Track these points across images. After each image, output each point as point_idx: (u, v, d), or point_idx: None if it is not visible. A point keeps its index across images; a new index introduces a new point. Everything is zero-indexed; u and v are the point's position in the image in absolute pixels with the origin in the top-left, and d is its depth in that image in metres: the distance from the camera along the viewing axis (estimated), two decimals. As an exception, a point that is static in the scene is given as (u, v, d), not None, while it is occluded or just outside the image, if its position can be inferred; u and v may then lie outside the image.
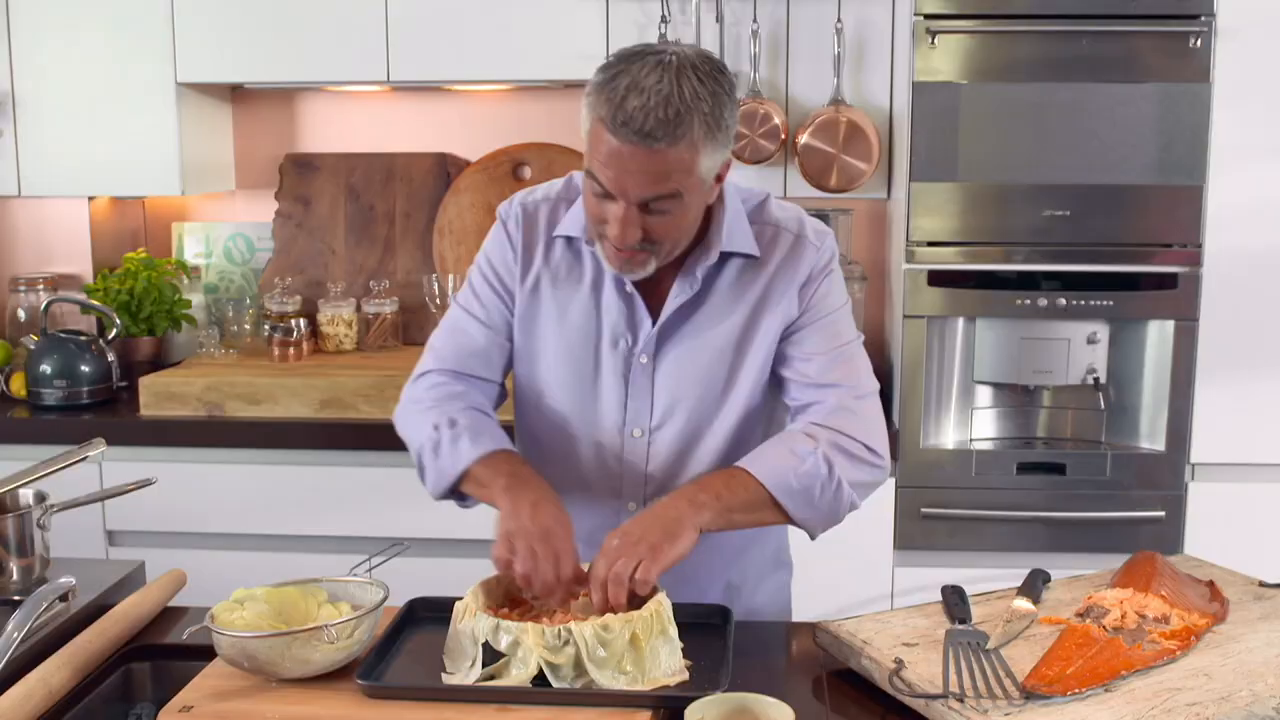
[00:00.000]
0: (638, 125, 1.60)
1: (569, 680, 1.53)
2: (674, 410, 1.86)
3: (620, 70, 1.64)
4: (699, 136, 1.63)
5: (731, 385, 1.86)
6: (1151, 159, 2.90)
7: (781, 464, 1.76)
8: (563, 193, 1.91)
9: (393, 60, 3.21)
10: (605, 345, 1.86)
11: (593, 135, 1.66)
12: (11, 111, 3.30)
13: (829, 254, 1.89)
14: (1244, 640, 1.68)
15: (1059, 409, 3.12)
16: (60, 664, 1.63)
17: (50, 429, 3.11)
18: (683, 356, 1.85)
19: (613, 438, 1.88)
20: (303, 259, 3.56)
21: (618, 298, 1.84)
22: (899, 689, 1.55)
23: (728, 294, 1.85)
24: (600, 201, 1.69)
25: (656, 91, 1.60)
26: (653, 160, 1.62)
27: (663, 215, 1.68)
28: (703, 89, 1.63)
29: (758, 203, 1.89)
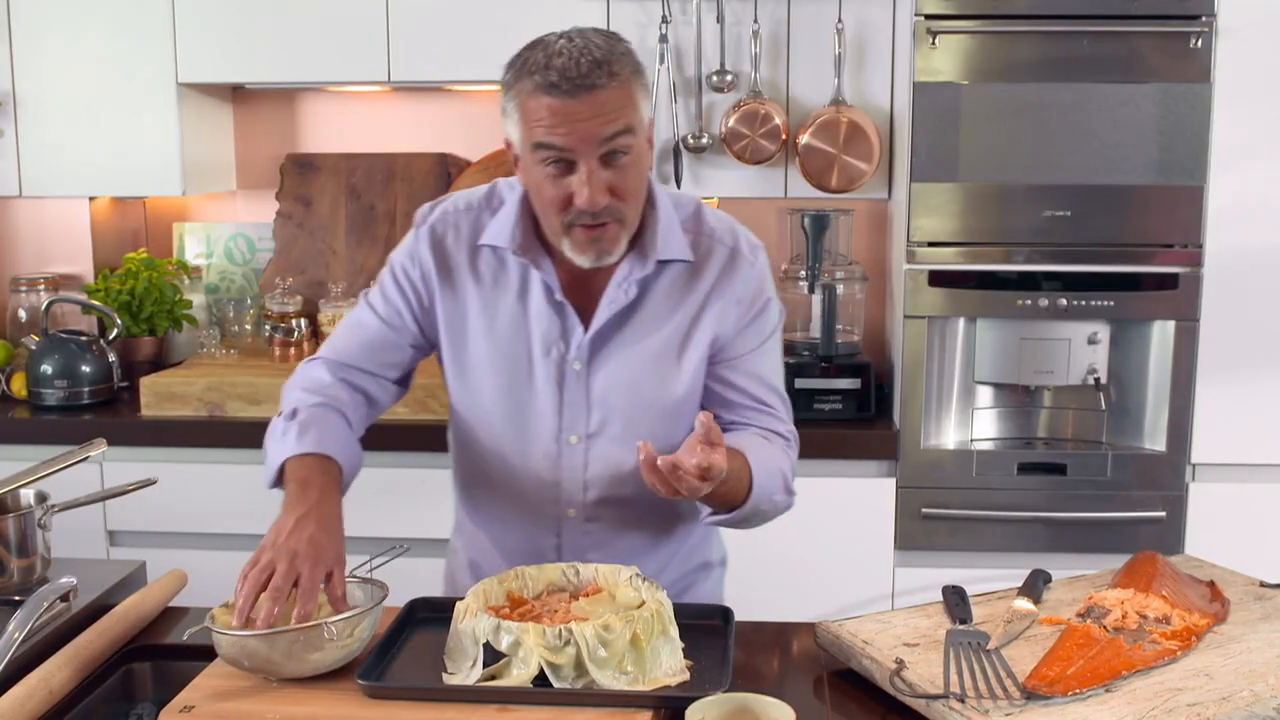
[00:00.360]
0: (573, 75, 1.64)
1: (570, 680, 1.53)
2: (610, 416, 1.86)
3: (530, 53, 1.69)
4: (629, 75, 1.68)
5: (667, 391, 1.86)
6: (1152, 159, 2.90)
7: (772, 485, 1.81)
8: (484, 201, 1.90)
9: (393, 60, 3.22)
10: (537, 354, 1.85)
11: (529, 110, 1.67)
12: (13, 111, 3.30)
13: (763, 270, 1.90)
14: (1245, 640, 1.68)
15: (1060, 409, 3.12)
16: (61, 664, 1.63)
17: (51, 429, 3.11)
18: (618, 363, 1.85)
19: (549, 445, 1.88)
20: (303, 259, 3.56)
21: (548, 307, 1.84)
22: (900, 689, 1.55)
23: (664, 301, 1.85)
24: (558, 179, 1.69)
25: (574, 49, 1.66)
26: (597, 101, 1.65)
27: (622, 168, 1.69)
28: (611, 40, 1.71)
29: (691, 211, 1.89)
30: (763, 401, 1.90)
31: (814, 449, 3.03)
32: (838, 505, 3.02)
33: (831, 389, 3.10)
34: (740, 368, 1.89)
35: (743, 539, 2.99)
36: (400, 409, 2.72)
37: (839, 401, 3.10)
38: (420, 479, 3.01)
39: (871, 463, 3.04)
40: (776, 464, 1.84)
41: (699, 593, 2.04)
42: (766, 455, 1.83)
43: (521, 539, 1.93)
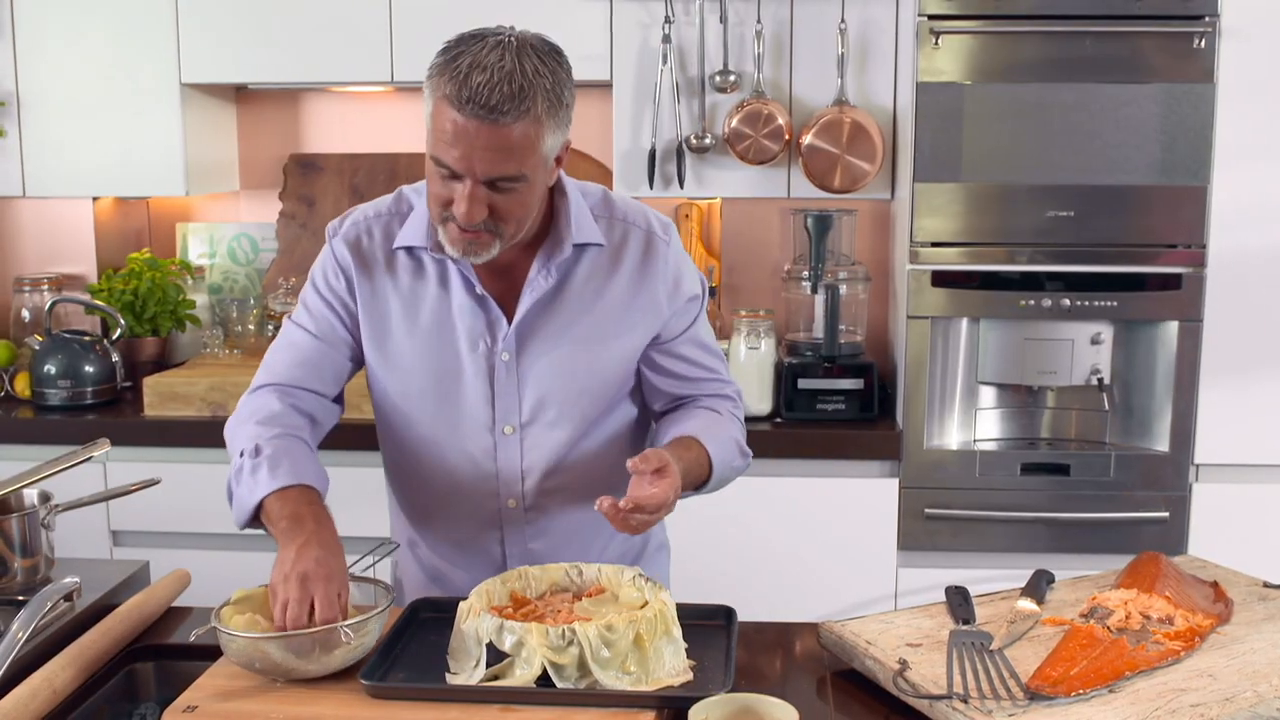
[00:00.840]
0: (483, 100, 1.61)
1: (573, 680, 1.53)
2: (544, 404, 1.87)
3: (461, 50, 1.66)
4: (542, 112, 1.65)
5: (598, 375, 1.88)
6: (1155, 159, 2.89)
7: (728, 456, 1.89)
8: (394, 207, 1.90)
9: (396, 60, 3.22)
10: (464, 349, 1.85)
11: (437, 115, 1.66)
12: (16, 112, 3.31)
13: (678, 248, 1.93)
14: (1248, 641, 1.68)
15: (1063, 410, 3.12)
16: (65, 664, 1.63)
17: (54, 429, 3.12)
18: (546, 350, 1.86)
19: (483, 437, 1.88)
20: (306, 259, 3.56)
21: (470, 300, 1.84)
22: (903, 690, 1.55)
23: (585, 288, 1.86)
24: (445, 182, 1.69)
25: (499, 68, 1.62)
26: (498, 136, 1.63)
27: (508, 194, 1.69)
28: (543, 67, 1.66)
29: (599, 197, 1.91)
30: (707, 367, 1.95)
31: (817, 449, 3.04)
32: (841, 505, 3.02)
33: (834, 389, 3.10)
34: (683, 341, 1.93)
35: (744, 539, 3.00)
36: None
37: (842, 402, 3.10)
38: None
39: (874, 463, 3.04)
40: (728, 433, 1.91)
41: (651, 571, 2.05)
42: (717, 430, 1.88)
43: (463, 534, 1.94)
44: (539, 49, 1.68)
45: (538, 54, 1.67)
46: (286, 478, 1.75)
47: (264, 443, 1.79)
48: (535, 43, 1.68)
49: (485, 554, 1.93)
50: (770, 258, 3.55)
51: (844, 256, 3.31)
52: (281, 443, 1.80)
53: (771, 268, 3.55)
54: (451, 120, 1.64)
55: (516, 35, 1.68)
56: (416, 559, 2.01)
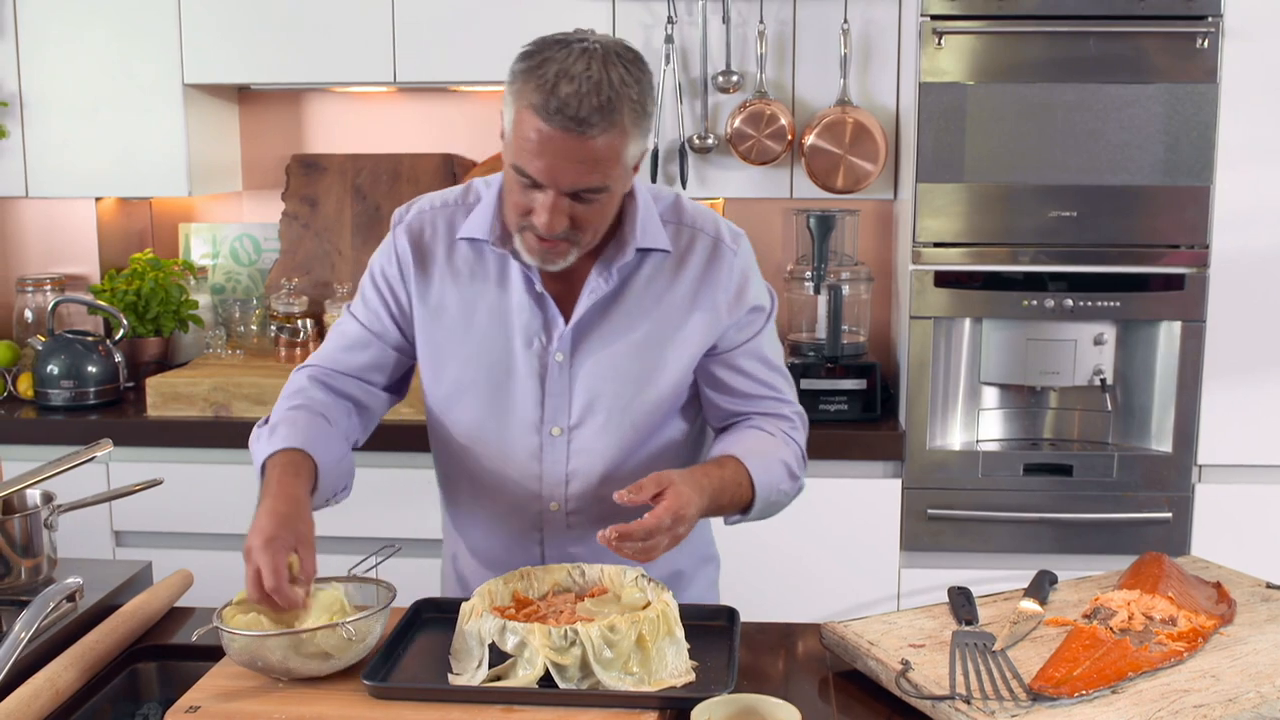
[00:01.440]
0: (572, 111, 1.59)
1: (575, 681, 1.53)
2: (593, 408, 1.85)
3: (546, 57, 1.63)
4: (628, 123, 1.64)
5: (651, 383, 1.86)
6: (1158, 160, 2.89)
7: (775, 479, 1.84)
8: (461, 199, 1.89)
9: (399, 61, 3.22)
10: (518, 346, 1.84)
11: (520, 124, 1.64)
12: (19, 112, 3.31)
13: (746, 258, 1.90)
14: (1251, 642, 1.68)
15: (1066, 410, 3.11)
16: (67, 664, 1.63)
17: (57, 429, 3.12)
18: (600, 354, 1.84)
19: (530, 437, 1.87)
20: (309, 260, 3.57)
21: (528, 298, 1.83)
22: (905, 690, 1.55)
23: (645, 292, 1.84)
24: (526, 191, 1.68)
25: (587, 78, 1.60)
26: (584, 148, 1.62)
27: (589, 204, 1.68)
28: (629, 76, 1.64)
29: (670, 202, 1.89)
30: (767, 384, 1.91)
31: (819, 450, 3.02)
32: (843, 506, 3.02)
33: (837, 390, 3.10)
34: (743, 353, 1.89)
35: (747, 539, 3.00)
36: (404, 408, 2.72)
37: (844, 402, 3.10)
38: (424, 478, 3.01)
39: (877, 463, 3.04)
40: (776, 455, 1.85)
41: (695, 586, 2.04)
42: (763, 450, 1.84)
43: (504, 534, 1.93)
44: (624, 57, 1.65)
45: (623, 62, 1.64)
46: (277, 443, 1.77)
47: (275, 413, 1.84)
48: (620, 50, 1.66)
49: (526, 555, 1.91)
50: (773, 258, 3.55)
51: (846, 257, 3.30)
52: (288, 414, 1.82)
53: (774, 268, 3.54)
54: (537, 130, 1.62)
55: (600, 41, 1.66)
56: (469, 553, 2.00)
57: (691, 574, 2.03)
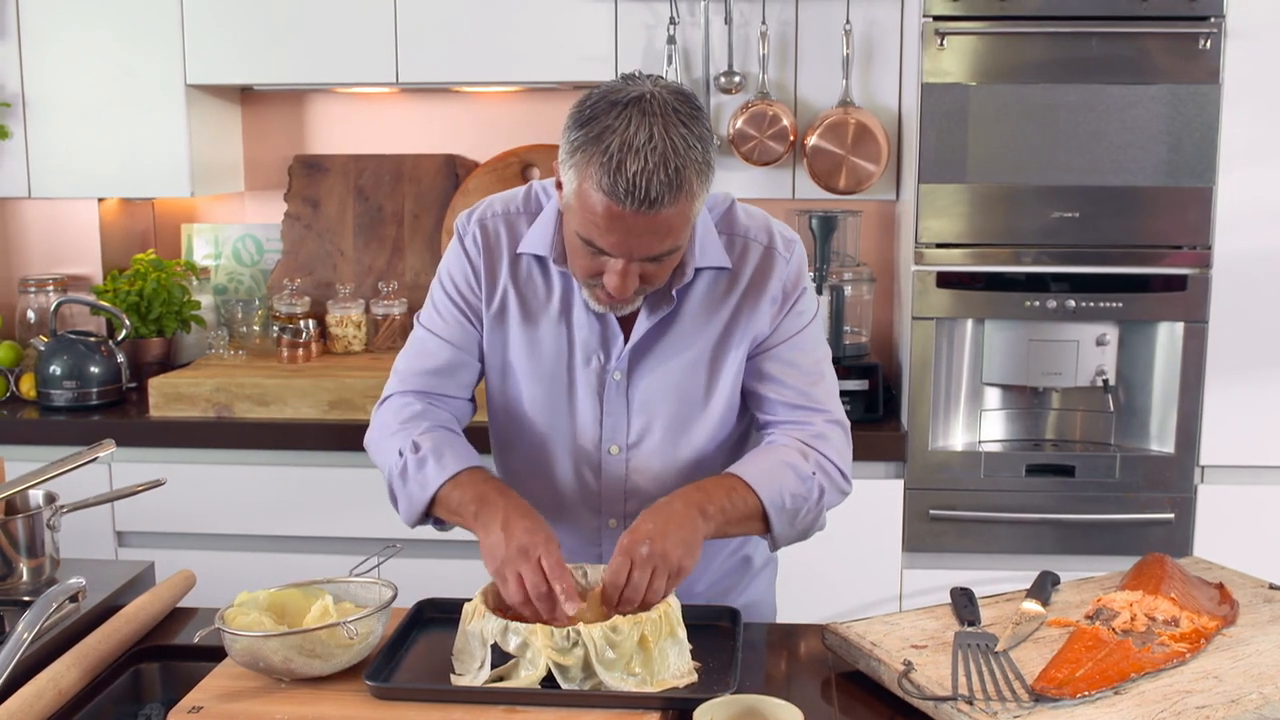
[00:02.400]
0: (643, 194, 1.55)
1: (577, 682, 1.53)
2: (651, 426, 1.85)
3: (606, 126, 1.57)
4: (696, 187, 1.61)
5: (708, 398, 1.85)
6: (1161, 160, 2.89)
7: (779, 482, 1.78)
8: (523, 205, 1.87)
9: (402, 62, 3.22)
10: (578, 363, 1.83)
11: (584, 198, 1.60)
12: (22, 113, 3.31)
13: (798, 265, 1.87)
14: (1254, 643, 1.67)
15: (1068, 411, 3.11)
16: (70, 664, 1.63)
17: (60, 430, 3.12)
18: (658, 372, 1.83)
19: (590, 455, 1.87)
20: (311, 260, 3.57)
21: (588, 315, 1.82)
22: (908, 691, 1.55)
23: (701, 308, 1.83)
24: (594, 256, 1.66)
25: (652, 150, 1.55)
26: (656, 221, 1.59)
27: (660, 262, 1.67)
28: (691, 136, 1.60)
29: (724, 210, 1.87)
30: (800, 389, 1.86)
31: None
32: (845, 506, 2.98)
33: (839, 390, 3.09)
34: (776, 357, 1.85)
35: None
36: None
37: (847, 403, 3.08)
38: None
39: (879, 464, 3.03)
40: (778, 458, 1.80)
41: (748, 592, 2.03)
42: (762, 461, 1.80)
43: (566, 548, 1.91)
44: (682, 113, 1.60)
45: (683, 121, 1.59)
46: (455, 465, 1.76)
47: (420, 438, 1.79)
48: (678, 105, 1.60)
49: None
50: (775, 259, 3.54)
51: (849, 257, 3.30)
52: (438, 434, 1.81)
53: (776, 269, 3.54)
54: (605, 208, 1.58)
55: (657, 97, 1.59)
56: None
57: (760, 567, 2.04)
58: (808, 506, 1.80)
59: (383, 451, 1.85)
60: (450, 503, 1.74)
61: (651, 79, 1.63)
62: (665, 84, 1.63)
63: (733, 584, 2.01)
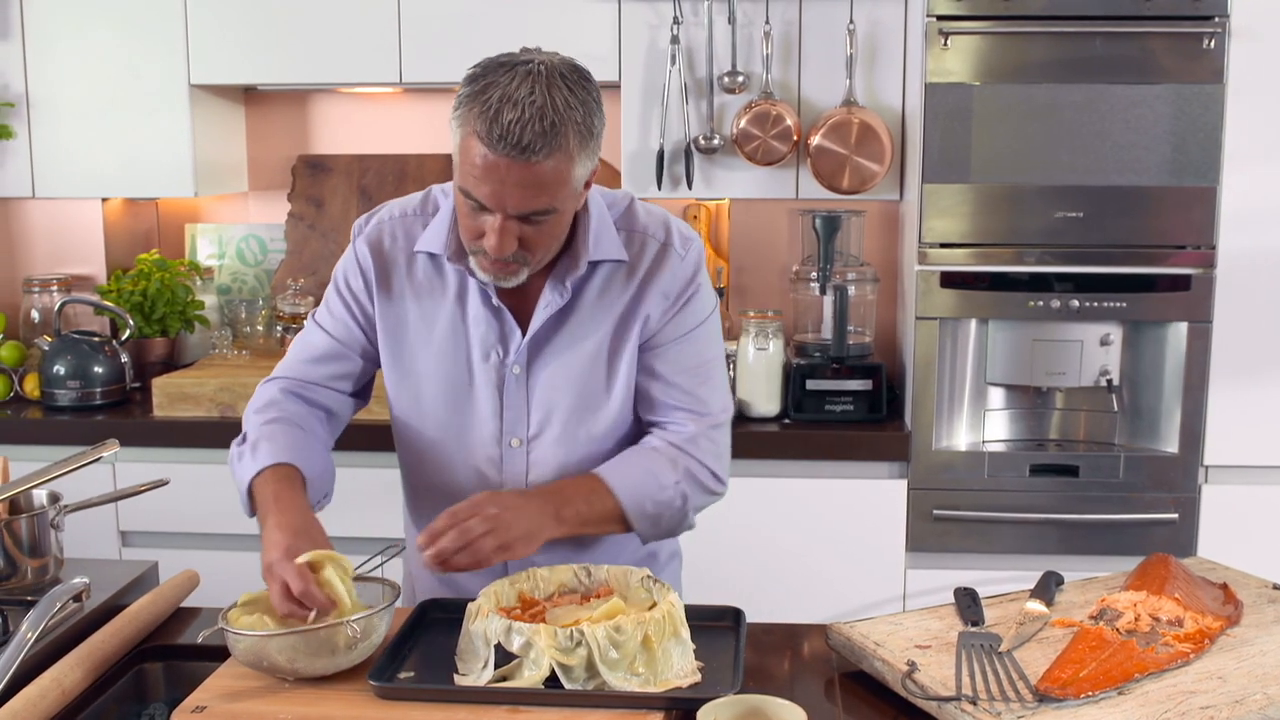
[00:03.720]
0: (514, 139, 1.59)
1: (581, 682, 1.53)
2: (550, 419, 1.87)
3: (490, 82, 1.62)
4: (574, 146, 1.63)
5: (606, 391, 1.87)
6: (1165, 160, 2.89)
7: (642, 488, 1.82)
8: (419, 207, 1.89)
9: (405, 61, 3.22)
10: (476, 358, 1.85)
11: (465, 149, 1.64)
12: (26, 113, 3.31)
13: (694, 262, 1.88)
14: (1258, 643, 1.67)
15: (1072, 411, 3.11)
16: (74, 664, 1.63)
17: (64, 430, 3.12)
18: (556, 365, 1.85)
19: (490, 449, 1.88)
20: (315, 260, 3.57)
21: (485, 311, 1.83)
22: (911, 691, 1.55)
23: (597, 302, 1.84)
24: (475, 213, 1.68)
25: (530, 103, 1.59)
26: (529, 173, 1.62)
27: (538, 225, 1.68)
28: (574, 98, 1.63)
29: (624, 208, 1.88)
30: (685, 389, 1.87)
31: (825, 450, 3.04)
32: (849, 506, 3.02)
33: (843, 390, 3.10)
34: (665, 356, 1.87)
35: (753, 540, 3.00)
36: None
37: (850, 403, 3.10)
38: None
39: (883, 464, 3.03)
40: (644, 465, 1.83)
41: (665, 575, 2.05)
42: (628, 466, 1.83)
43: None
44: (569, 78, 1.64)
45: (568, 84, 1.63)
46: (262, 460, 1.79)
47: (252, 429, 1.84)
48: (565, 70, 1.64)
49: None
50: (778, 259, 3.55)
51: (852, 257, 3.30)
52: (266, 429, 1.84)
53: (780, 269, 3.55)
54: (481, 156, 1.62)
55: (545, 62, 1.64)
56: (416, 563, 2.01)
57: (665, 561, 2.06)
58: (670, 512, 1.85)
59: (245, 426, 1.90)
60: (257, 497, 1.78)
61: (548, 53, 1.68)
62: (559, 56, 1.68)
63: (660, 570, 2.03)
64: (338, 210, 3.57)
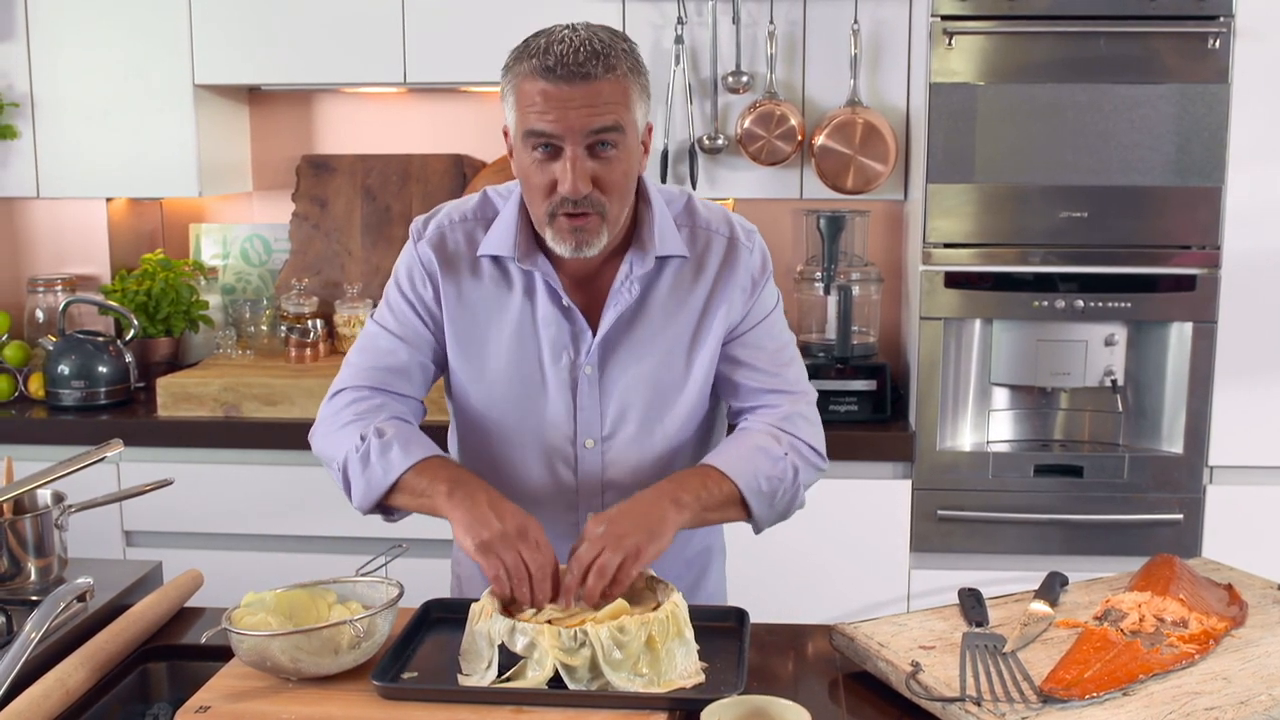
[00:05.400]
0: (569, 62, 1.64)
1: (585, 682, 1.53)
2: (624, 418, 1.86)
3: (531, 40, 1.70)
4: (627, 70, 1.69)
5: (680, 390, 1.86)
6: (1170, 160, 2.88)
7: (753, 465, 1.80)
8: (478, 211, 1.88)
9: (409, 61, 3.22)
10: (547, 360, 1.84)
11: (522, 93, 1.68)
12: (30, 113, 3.32)
13: (761, 253, 1.91)
14: (1263, 644, 1.67)
15: (1076, 411, 3.11)
16: (78, 664, 1.63)
17: (68, 429, 3.12)
18: (629, 364, 1.84)
19: (565, 450, 1.87)
20: (319, 260, 3.57)
21: (555, 311, 1.83)
22: (916, 692, 1.55)
23: (668, 300, 1.85)
24: (544, 165, 1.69)
25: (575, 37, 1.67)
26: (590, 91, 1.66)
27: (608, 162, 1.69)
28: (617, 37, 1.71)
29: (682, 205, 1.89)
30: (771, 372, 1.89)
31: (829, 451, 3.02)
32: (853, 507, 3.02)
33: (847, 390, 3.09)
34: (748, 343, 1.89)
35: (756, 540, 2.99)
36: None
37: (854, 403, 3.10)
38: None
39: (887, 464, 3.03)
40: (750, 444, 1.83)
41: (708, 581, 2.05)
42: (735, 448, 1.83)
43: None
44: (607, 29, 1.72)
45: (607, 31, 1.72)
46: (422, 451, 1.77)
47: (385, 425, 1.80)
48: (602, 27, 1.73)
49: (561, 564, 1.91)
50: (783, 259, 3.54)
51: (856, 257, 3.30)
52: (402, 424, 1.82)
53: (784, 269, 3.54)
54: (541, 90, 1.66)
55: (582, 23, 1.72)
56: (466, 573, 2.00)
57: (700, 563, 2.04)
58: (784, 487, 1.83)
59: (333, 441, 1.83)
60: (415, 487, 1.74)
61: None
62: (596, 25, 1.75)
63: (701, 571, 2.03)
64: (341, 210, 3.57)
